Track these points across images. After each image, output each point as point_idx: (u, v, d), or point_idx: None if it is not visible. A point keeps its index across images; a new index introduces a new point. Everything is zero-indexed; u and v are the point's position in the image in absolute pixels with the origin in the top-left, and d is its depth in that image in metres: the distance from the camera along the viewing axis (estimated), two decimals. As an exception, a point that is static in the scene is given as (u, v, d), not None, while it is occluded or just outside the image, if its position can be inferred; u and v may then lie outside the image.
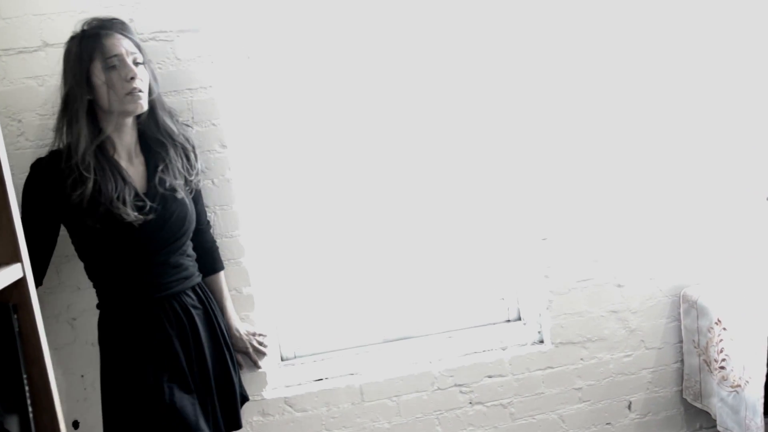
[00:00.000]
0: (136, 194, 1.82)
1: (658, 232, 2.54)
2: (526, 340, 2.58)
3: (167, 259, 1.89)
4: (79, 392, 2.25)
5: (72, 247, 2.15)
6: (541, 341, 2.58)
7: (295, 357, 2.50)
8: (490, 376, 2.48)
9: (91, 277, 1.94)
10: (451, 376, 2.46)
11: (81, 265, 2.15)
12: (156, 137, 1.92)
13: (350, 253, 2.51)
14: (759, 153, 2.57)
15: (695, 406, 2.56)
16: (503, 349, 2.54)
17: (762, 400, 2.13)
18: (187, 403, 1.86)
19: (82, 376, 2.24)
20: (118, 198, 1.77)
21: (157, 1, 2.12)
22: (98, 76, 1.77)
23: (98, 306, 1.94)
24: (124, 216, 1.76)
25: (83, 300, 2.19)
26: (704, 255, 2.58)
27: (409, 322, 2.56)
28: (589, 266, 2.51)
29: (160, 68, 2.12)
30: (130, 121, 1.87)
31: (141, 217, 1.79)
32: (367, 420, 2.42)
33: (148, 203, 1.82)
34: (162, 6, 2.12)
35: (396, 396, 2.43)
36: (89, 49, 1.77)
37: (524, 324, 2.60)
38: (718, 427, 2.39)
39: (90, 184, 1.75)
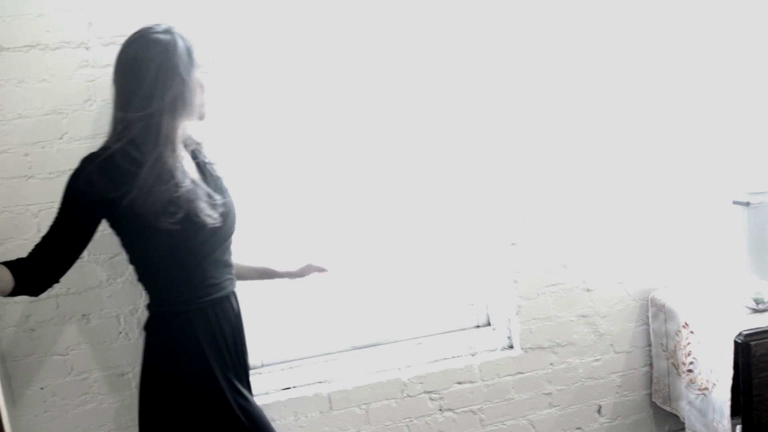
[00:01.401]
0: (207, 194, 1.77)
1: (626, 236, 2.55)
2: (495, 346, 2.57)
3: (222, 257, 1.84)
4: (39, 405, 2.19)
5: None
6: (511, 347, 2.57)
7: (262, 365, 2.46)
8: (459, 383, 2.47)
9: (146, 279, 1.83)
10: (421, 383, 2.44)
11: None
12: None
13: (317, 260, 2.48)
14: (725, 157, 2.59)
15: (664, 409, 2.58)
16: (473, 355, 2.53)
17: (729, 403, 2.14)
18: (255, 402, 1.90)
19: (42, 388, 2.18)
20: (198, 198, 1.72)
21: (118, 4, 2.08)
22: (198, 77, 1.77)
23: (151, 307, 1.83)
24: (205, 217, 1.71)
25: (42, 311, 2.15)
26: (672, 259, 2.60)
27: (377, 329, 2.54)
28: (557, 271, 2.51)
29: (120, 73, 2.09)
30: None
31: (219, 217, 1.75)
32: (336, 429, 2.39)
33: (218, 198, 1.79)
34: (123, 10, 2.08)
35: (365, 404, 2.40)
36: (192, 50, 1.76)
37: (494, 329, 2.59)
38: (687, 430, 2.40)
39: (185, 182, 1.69)
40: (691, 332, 2.31)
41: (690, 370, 2.34)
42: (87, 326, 2.19)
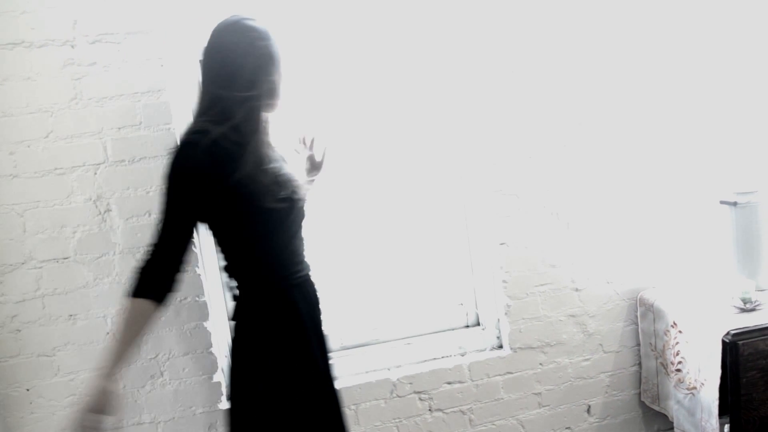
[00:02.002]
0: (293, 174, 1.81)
1: (614, 236, 2.55)
2: (485, 346, 2.57)
3: (302, 234, 1.85)
4: (25, 406, 2.17)
5: (14, 256, 2.10)
6: (500, 346, 2.57)
7: (251, 366, 2.45)
8: (449, 383, 2.47)
9: (242, 261, 1.76)
10: (410, 383, 2.44)
11: (26, 275, 2.11)
12: None
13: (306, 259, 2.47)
14: (712, 158, 2.60)
15: (653, 409, 2.58)
16: (462, 355, 2.53)
17: (717, 402, 2.15)
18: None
19: (28, 389, 2.17)
20: (292, 178, 1.76)
21: (104, 2, 2.06)
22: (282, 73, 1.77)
23: (245, 291, 1.77)
24: (299, 196, 1.77)
25: (28, 311, 2.13)
26: (660, 258, 2.60)
27: (367, 329, 2.53)
28: (546, 271, 2.51)
29: (106, 71, 2.08)
30: None
31: (304, 195, 1.81)
32: (325, 429, 2.38)
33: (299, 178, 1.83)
34: (109, 6, 2.07)
35: (354, 404, 2.40)
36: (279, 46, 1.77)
37: (483, 329, 2.58)
38: (675, 429, 2.40)
39: (282, 163, 1.75)
40: (680, 332, 2.32)
41: (678, 370, 2.34)
42: (74, 327, 2.17)
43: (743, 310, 2.24)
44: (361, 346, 2.52)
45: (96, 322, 2.18)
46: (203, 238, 2.31)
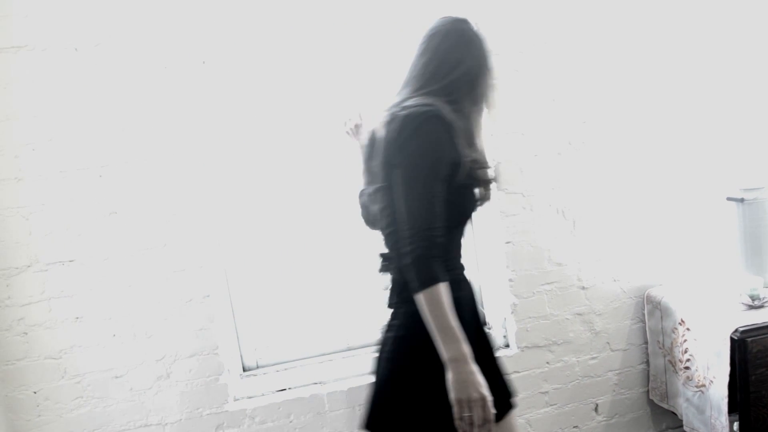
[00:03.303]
0: None
1: (621, 233, 2.54)
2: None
3: None
4: (32, 409, 2.18)
5: (20, 259, 2.11)
6: (507, 345, 2.56)
7: (258, 367, 2.45)
8: (456, 382, 2.46)
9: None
10: (417, 383, 2.43)
11: (32, 278, 2.12)
12: None
13: (312, 260, 2.47)
14: (719, 154, 2.58)
15: (661, 407, 2.57)
16: (469, 355, 2.52)
17: (726, 399, 2.13)
18: None
19: (35, 392, 2.17)
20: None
21: (107, 5, 2.07)
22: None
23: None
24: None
25: (35, 314, 2.14)
26: (667, 256, 2.59)
27: (372, 330, 2.53)
28: (553, 269, 2.50)
29: (110, 74, 2.09)
30: None
31: None
32: (332, 430, 2.38)
33: None
34: (113, 10, 2.07)
35: (360, 405, 2.39)
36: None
37: (490, 328, 2.57)
38: (685, 427, 2.39)
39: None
40: (688, 329, 2.31)
41: (687, 368, 2.33)
42: (80, 329, 2.18)
43: (751, 307, 2.22)
44: (367, 347, 2.51)
45: (102, 325, 2.19)
46: (205, 237, 2.31)
